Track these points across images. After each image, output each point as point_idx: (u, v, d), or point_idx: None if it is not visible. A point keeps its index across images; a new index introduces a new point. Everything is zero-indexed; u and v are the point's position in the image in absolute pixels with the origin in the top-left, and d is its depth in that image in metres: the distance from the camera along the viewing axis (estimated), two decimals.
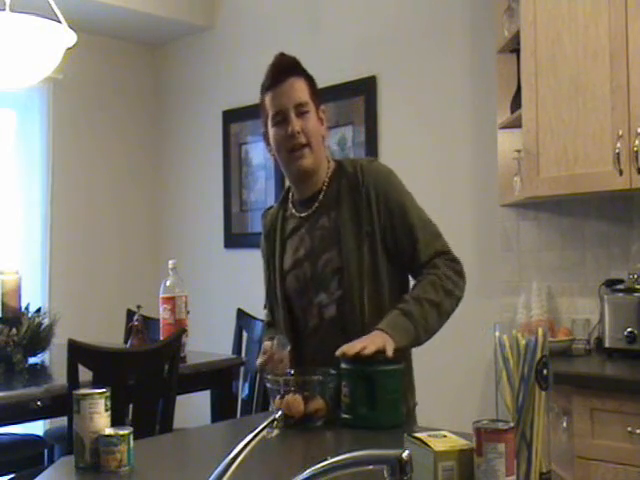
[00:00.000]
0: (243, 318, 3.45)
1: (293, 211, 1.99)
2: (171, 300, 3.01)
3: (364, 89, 3.72)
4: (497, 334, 1.19)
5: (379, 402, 1.61)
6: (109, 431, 1.39)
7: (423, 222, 1.88)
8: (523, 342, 1.16)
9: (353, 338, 1.78)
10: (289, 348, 1.83)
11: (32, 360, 2.87)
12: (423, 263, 1.85)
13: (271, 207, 2.14)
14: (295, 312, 1.98)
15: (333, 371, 1.72)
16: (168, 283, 3.04)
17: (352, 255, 1.84)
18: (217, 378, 3.01)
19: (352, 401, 1.63)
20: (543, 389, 1.15)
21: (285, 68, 1.88)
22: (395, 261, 1.89)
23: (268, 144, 1.95)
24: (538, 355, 1.15)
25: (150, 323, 3.22)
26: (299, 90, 1.86)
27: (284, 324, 1.98)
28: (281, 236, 2.00)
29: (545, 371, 1.15)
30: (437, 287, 1.80)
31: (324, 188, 1.92)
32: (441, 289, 1.80)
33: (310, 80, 1.91)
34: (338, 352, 1.66)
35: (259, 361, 1.83)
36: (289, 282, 1.97)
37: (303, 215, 1.95)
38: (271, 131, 1.90)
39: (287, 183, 2.05)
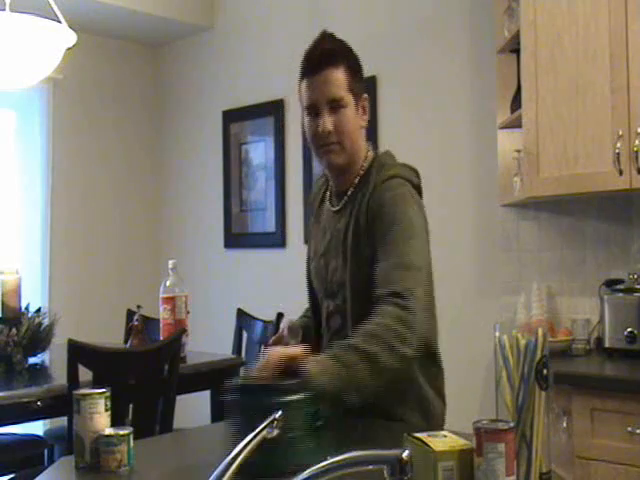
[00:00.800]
0: (243, 318, 3.45)
1: (327, 196, 1.90)
2: (171, 300, 3.00)
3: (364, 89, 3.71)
4: (497, 334, 1.18)
5: (277, 444, 1.16)
6: (109, 431, 1.39)
7: (389, 261, 1.60)
8: (523, 342, 1.16)
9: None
10: (299, 337, 1.82)
11: (32, 360, 2.87)
12: (375, 297, 1.57)
13: (323, 176, 2.00)
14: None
15: None
16: (168, 283, 3.03)
17: (355, 278, 1.71)
18: (217, 378, 3.01)
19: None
20: (543, 389, 1.15)
21: (322, 57, 1.72)
22: None
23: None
24: (538, 355, 1.15)
25: (150, 323, 3.22)
26: (335, 84, 1.71)
27: (310, 308, 1.95)
28: (317, 213, 1.93)
29: (545, 371, 1.15)
30: (379, 340, 1.48)
31: (351, 189, 1.79)
32: (382, 343, 1.47)
33: (351, 68, 1.76)
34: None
35: (272, 339, 1.83)
36: (311, 271, 1.91)
37: (332, 209, 1.84)
38: (305, 120, 1.78)
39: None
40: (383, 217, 1.66)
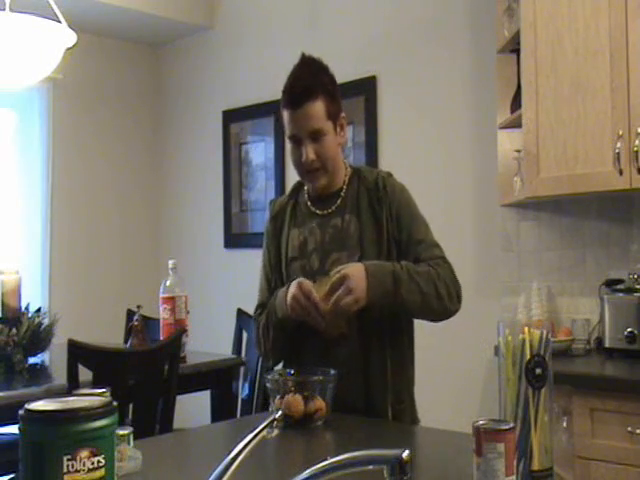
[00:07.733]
0: (243, 318, 3.45)
1: (309, 204, 1.98)
2: (171, 300, 3.01)
3: (364, 89, 3.71)
4: (501, 332, 1.19)
5: None
6: None
7: (428, 239, 1.90)
8: (521, 338, 1.17)
9: (358, 346, 1.79)
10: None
11: (32, 360, 2.87)
12: (424, 257, 1.85)
13: (279, 197, 2.15)
14: None
15: (333, 371, 1.72)
16: (168, 283, 3.04)
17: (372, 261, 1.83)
18: (217, 378, 3.01)
19: None
20: (535, 388, 1.15)
21: (301, 91, 1.83)
22: None
23: None
24: (527, 355, 1.15)
25: (150, 323, 3.22)
26: (314, 117, 1.83)
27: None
28: (289, 222, 2.00)
29: (539, 370, 1.15)
30: (429, 281, 1.78)
31: (342, 194, 1.93)
32: (432, 286, 1.78)
33: (329, 95, 1.86)
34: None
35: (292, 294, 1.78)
36: (294, 270, 1.94)
37: (318, 212, 1.96)
38: (288, 146, 1.92)
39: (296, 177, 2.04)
40: (407, 212, 1.89)
